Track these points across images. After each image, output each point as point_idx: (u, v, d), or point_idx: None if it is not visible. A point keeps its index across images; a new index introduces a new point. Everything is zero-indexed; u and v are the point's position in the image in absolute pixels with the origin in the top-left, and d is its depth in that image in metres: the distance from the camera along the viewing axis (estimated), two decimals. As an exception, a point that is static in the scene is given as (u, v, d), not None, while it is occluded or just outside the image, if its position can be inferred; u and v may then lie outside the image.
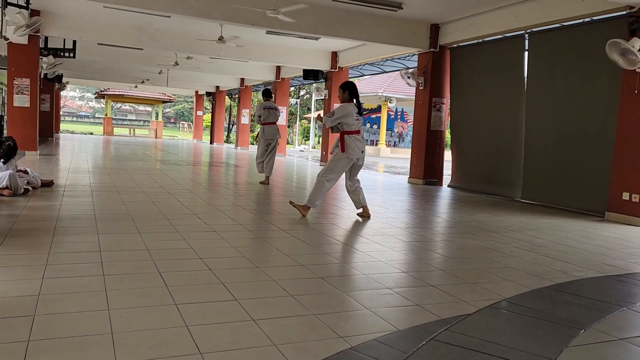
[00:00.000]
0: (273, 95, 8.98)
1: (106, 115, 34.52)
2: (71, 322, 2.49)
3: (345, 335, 2.50)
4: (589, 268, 4.17)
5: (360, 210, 6.17)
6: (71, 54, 14.18)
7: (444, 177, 11.16)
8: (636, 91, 6.58)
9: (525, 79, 8.87)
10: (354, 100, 5.89)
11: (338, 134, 5.89)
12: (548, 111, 8.35)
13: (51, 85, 20.21)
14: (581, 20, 7.73)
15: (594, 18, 7.52)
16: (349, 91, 5.90)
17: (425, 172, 10.84)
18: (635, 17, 6.56)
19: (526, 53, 8.88)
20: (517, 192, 8.92)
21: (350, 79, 16.41)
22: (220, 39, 11.18)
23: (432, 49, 10.66)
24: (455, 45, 10.49)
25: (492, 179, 9.54)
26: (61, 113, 33.91)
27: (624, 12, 6.79)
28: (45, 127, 20.03)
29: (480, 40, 9.84)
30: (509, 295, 3.31)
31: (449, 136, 11.36)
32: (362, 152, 5.91)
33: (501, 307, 3.07)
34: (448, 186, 10.65)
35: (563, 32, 8.11)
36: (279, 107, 9.20)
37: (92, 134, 34.95)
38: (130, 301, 2.80)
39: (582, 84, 7.76)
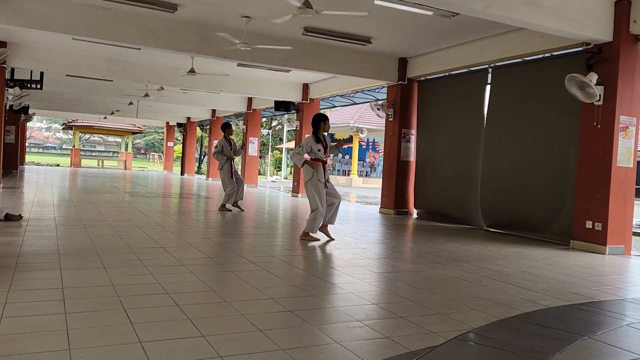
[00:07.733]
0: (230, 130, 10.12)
1: (74, 146, 33.91)
2: (29, 363, 2.40)
3: (313, 371, 2.47)
4: (555, 297, 4.24)
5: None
6: (38, 85, 14.00)
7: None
8: (595, 123, 6.84)
9: (486, 111, 9.11)
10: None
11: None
12: (511, 142, 8.56)
13: (17, 117, 19.80)
14: (541, 56, 8.05)
15: (554, 53, 7.85)
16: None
17: (396, 202, 10.95)
18: (591, 52, 6.87)
19: (488, 86, 9.15)
20: (485, 221, 9.06)
21: (321, 110, 16.62)
22: (191, 71, 11.22)
23: (400, 82, 10.91)
24: (422, 78, 10.76)
25: (460, 209, 9.66)
26: (27, 144, 33.22)
27: (581, 48, 7.11)
28: (10, 159, 19.60)
29: (446, 74, 10.12)
30: (477, 325, 3.33)
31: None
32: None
33: (467, 338, 3.09)
34: (417, 216, 10.75)
35: (524, 66, 8.42)
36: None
37: (58, 165, 34.22)
38: (93, 340, 2.72)
39: (543, 115, 8.02)
